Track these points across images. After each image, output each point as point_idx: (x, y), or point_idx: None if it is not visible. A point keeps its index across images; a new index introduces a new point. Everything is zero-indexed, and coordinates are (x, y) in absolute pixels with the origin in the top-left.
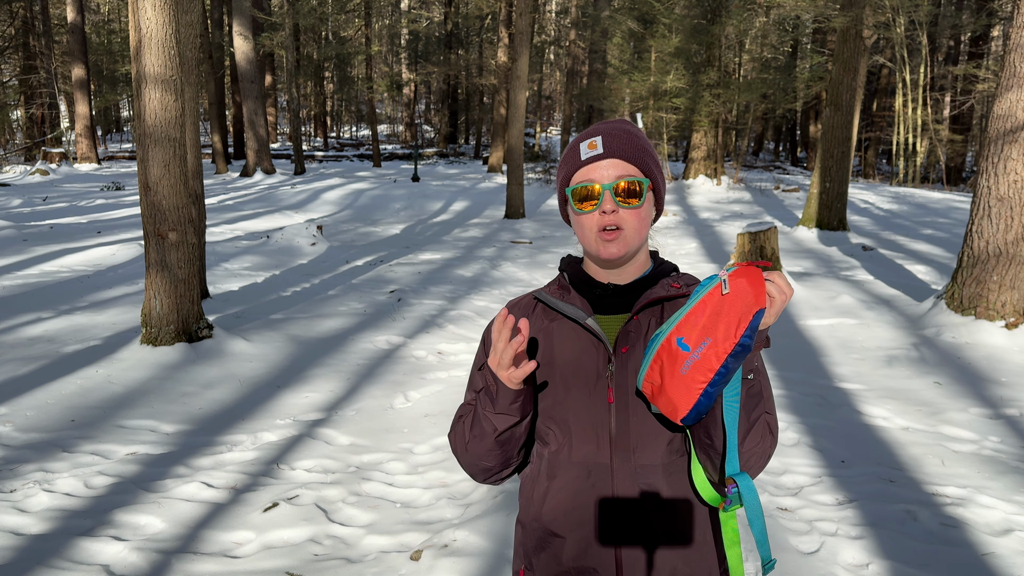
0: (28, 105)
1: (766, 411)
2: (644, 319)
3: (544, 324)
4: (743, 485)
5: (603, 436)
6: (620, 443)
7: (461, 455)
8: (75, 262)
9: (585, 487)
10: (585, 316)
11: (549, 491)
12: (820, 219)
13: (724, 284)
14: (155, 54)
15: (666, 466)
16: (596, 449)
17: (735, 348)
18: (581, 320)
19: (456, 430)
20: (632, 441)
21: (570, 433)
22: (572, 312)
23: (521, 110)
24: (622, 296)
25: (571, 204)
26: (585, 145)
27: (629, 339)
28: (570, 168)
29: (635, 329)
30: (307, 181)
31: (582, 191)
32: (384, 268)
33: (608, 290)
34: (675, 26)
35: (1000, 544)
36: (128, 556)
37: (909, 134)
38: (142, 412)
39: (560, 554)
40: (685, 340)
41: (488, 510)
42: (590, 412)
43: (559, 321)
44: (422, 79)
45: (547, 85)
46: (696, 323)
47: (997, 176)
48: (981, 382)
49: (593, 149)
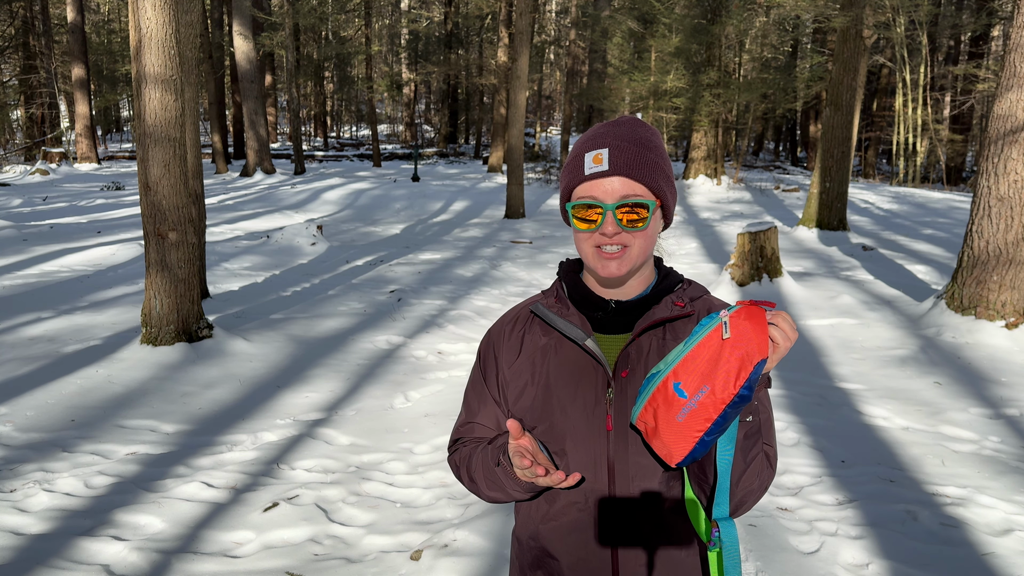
0: (28, 105)
1: (765, 444)
2: (645, 341)
3: (541, 341)
4: (725, 532)
5: (601, 465)
6: (619, 471)
7: (472, 490)
8: (75, 262)
9: (583, 515)
10: (584, 337)
11: (548, 514)
12: (820, 219)
13: (725, 327)
14: (155, 54)
15: (664, 493)
16: (594, 478)
17: (734, 399)
18: (580, 341)
19: (462, 474)
20: (631, 470)
21: (568, 460)
22: (571, 332)
23: (521, 110)
24: (624, 315)
25: (571, 218)
26: (590, 158)
27: (629, 362)
28: (572, 180)
29: (636, 352)
30: (307, 181)
31: (583, 209)
32: (384, 268)
33: (610, 312)
34: (675, 26)
35: (1000, 544)
36: (128, 556)
37: (909, 134)
38: (142, 412)
39: (555, 574)
40: (682, 386)
41: (488, 510)
42: (588, 440)
43: (557, 339)
44: (422, 79)
45: (547, 85)
46: (694, 368)
47: (997, 176)
48: (981, 382)
49: (598, 164)
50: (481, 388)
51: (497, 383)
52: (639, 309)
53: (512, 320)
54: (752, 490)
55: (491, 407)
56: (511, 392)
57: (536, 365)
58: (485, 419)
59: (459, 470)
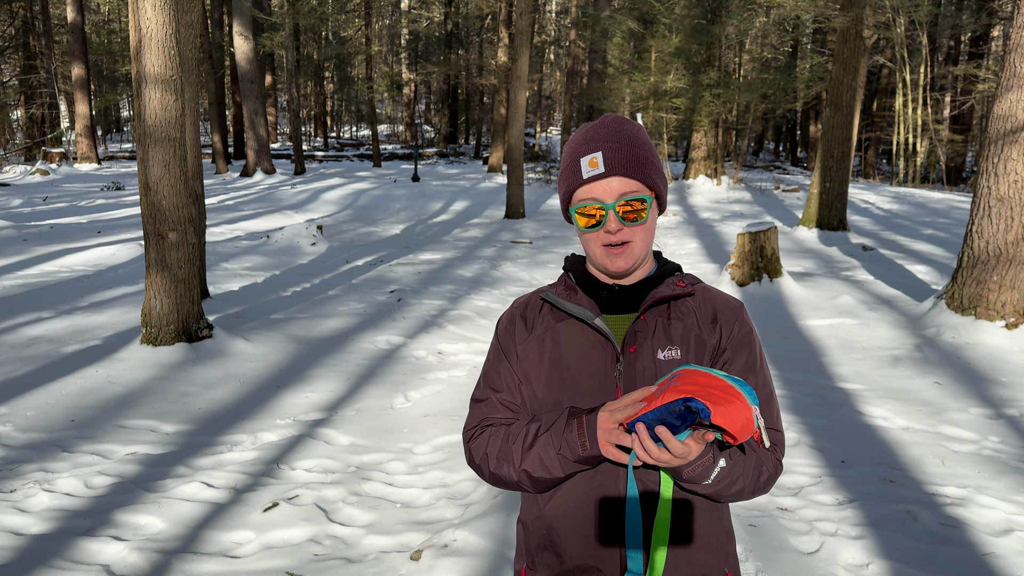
0: (28, 105)
1: (771, 428)
2: (651, 318)
3: (551, 324)
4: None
5: None
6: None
7: (490, 468)
8: (75, 262)
9: (590, 487)
10: (593, 316)
11: (556, 490)
12: (820, 219)
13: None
14: (155, 54)
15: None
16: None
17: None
18: (589, 320)
19: (491, 452)
20: None
21: None
22: (579, 312)
23: (521, 110)
24: (628, 296)
25: (575, 221)
26: (586, 162)
27: (637, 339)
28: (571, 184)
29: (642, 329)
30: (307, 181)
31: (586, 212)
32: (384, 268)
33: (614, 291)
34: (675, 26)
35: (1000, 544)
36: (128, 556)
37: (909, 134)
38: (142, 412)
39: (563, 553)
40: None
41: (488, 510)
42: None
43: (566, 321)
44: (422, 79)
45: (547, 85)
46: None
47: (997, 176)
48: (981, 382)
49: (594, 168)
50: (503, 365)
51: (515, 356)
52: (642, 290)
53: (524, 304)
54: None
55: (515, 383)
56: (522, 369)
57: (546, 344)
58: (510, 395)
59: (486, 449)
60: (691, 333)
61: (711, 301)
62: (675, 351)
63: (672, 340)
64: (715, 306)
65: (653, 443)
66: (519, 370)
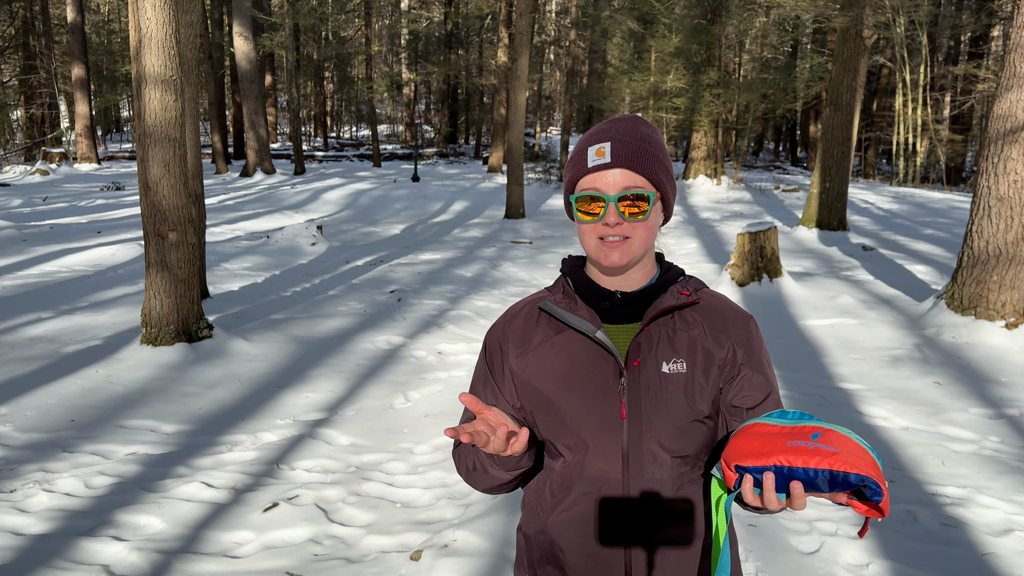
0: (28, 105)
1: None
2: (655, 329)
3: (551, 335)
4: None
5: (615, 452)
6: (633, 459)
7: (468, 480)
8: (75, 262)
9: (595, 505)
10: (595, 329)
11: (559, 505)
12: (820, 219)
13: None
14: (155, 54)
15: (675, 479)
16: (607, 465)
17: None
18: (590, 333)
19: (460, 466)
20: (644, 456)
21: (582, 449)
22: (580, 325)
23: (521, 110)
24: (631, 305)
25: (575, 210)
26: (593, 151)
27: (641, 352)
28: (576, 173)
29: (646, 341)
30: (307, 181)
31: (586, 200)
32: (384, 268)
33: (616, 301)
34: (675, 26)
35: (1000, 544)
36: (128, 556)
37: (909, 134)
38: (142, 412)
39: (566, 567)
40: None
41: (488, 510)
42: (602, 428)
43: (567, 333)
44: (422, 79)
45: (547, 85)
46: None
47: (997, 176)
48: (981, 382)
49: (601, 157)
50: (488, 380)
51: (504, 375)
52: (646, 299)
53: (518, 314)
54: None
55: (498, 400)
56: (519, 383)
57: (545, 357)
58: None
59: (459, 465)
60: (698, 344)
61: (719, 311)
62: (680, 364)
63: (677, 352)
64: (724, 316)
65: (775, 496)
66: (507, 390)
